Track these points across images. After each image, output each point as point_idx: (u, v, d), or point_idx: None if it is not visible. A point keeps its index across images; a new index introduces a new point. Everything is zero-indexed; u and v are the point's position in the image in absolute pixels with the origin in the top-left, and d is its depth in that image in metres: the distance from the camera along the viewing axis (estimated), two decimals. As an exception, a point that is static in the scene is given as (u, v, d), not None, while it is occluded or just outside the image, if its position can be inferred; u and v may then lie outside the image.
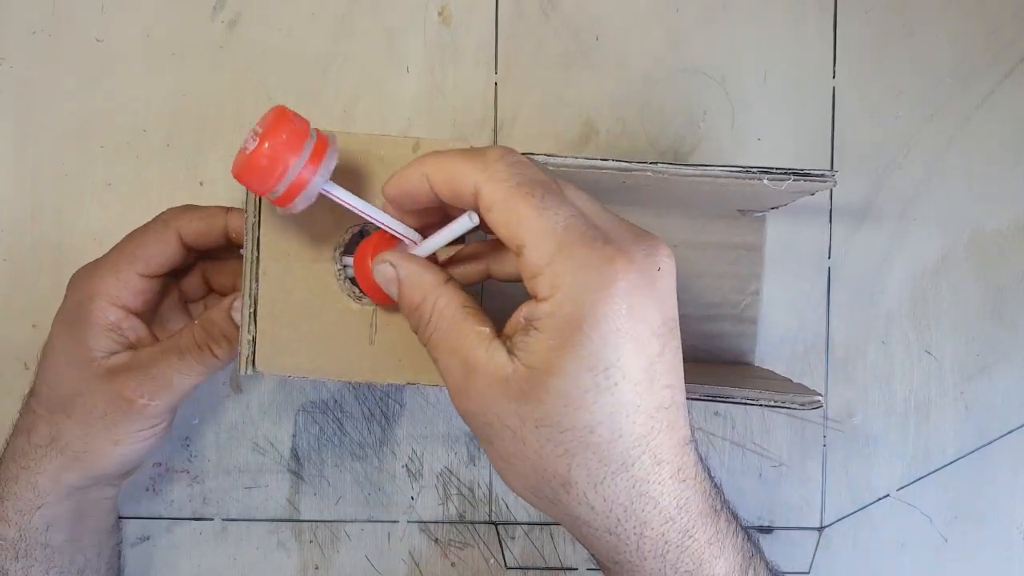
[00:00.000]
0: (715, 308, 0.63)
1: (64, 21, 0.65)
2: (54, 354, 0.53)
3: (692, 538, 0.40)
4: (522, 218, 0.39)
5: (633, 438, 0.38)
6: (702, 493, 0.41)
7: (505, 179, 0.39)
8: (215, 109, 0.65)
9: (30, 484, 0.53)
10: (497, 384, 0.39)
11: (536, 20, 0.65)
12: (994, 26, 0.66)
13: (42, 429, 0.53)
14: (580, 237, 0.38)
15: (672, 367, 0.40)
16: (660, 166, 0.48)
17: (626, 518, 0.39)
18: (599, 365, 0.37)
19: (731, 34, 0.65)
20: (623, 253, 0.38)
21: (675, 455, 0.40)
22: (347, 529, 0.65)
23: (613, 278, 0.37)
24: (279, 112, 0.42)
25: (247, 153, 0.41)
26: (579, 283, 0.37)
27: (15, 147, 0.65)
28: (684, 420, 0.40)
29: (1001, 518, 0.66)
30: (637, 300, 0.37)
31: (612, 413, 0.38)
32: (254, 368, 0.48)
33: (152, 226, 0.53)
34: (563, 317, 0.37)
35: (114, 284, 0.52)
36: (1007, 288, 0.66)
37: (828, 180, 0.49)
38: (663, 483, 0.39)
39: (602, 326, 0.37)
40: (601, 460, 0.38)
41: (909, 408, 0.66)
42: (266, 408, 0.65)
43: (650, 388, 0.38)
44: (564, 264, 0.38)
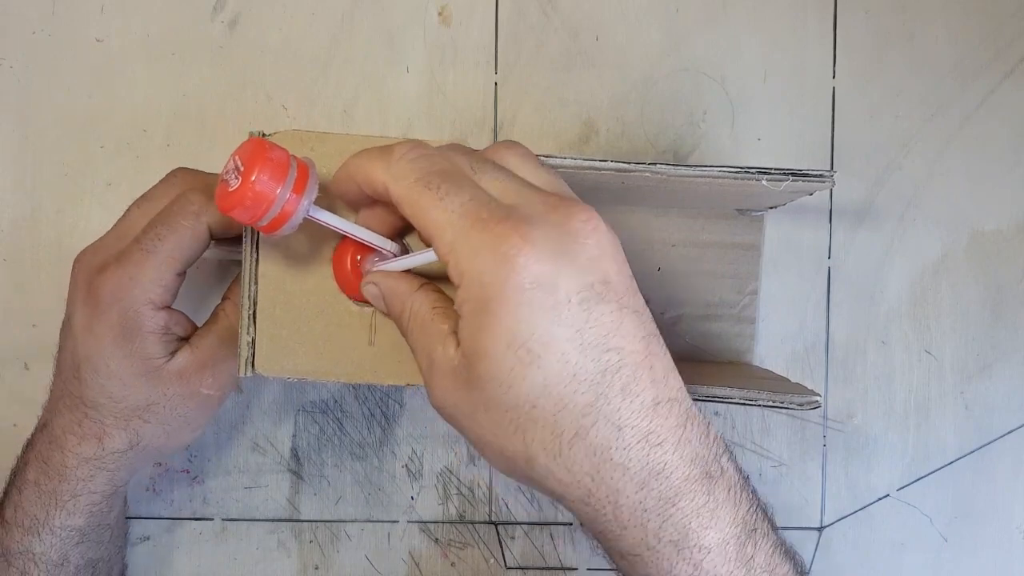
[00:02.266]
0: (713, 308, 0.63)
1: (64, 21, 0.65)
2: (111, 370, 0.51)
3: (675, 506, 0.39)
4: (424, 213, 0.40)
5: (580, 407, 0.38)
6: (688, 457, 0.39)
7: (406, 176, 0.41)
8: (215, 109, 0.65)
9: (110, 482, 0.54)
10: (449, 376, 0.40)
11: (536, 20, 0.65)
12: (994, 26, 0.66)
13: (118, 436, 0.53)
14: (475, 221, 0.38)
15: (612, 330, 0.38)
16: (659, 167, 0.48)
17: (596, 487, 0.39)
18: (516, 341, 0.37)
19: (731, 34, 0.65)
20: (520, 228, 0.38)
21: (640, 419, 0.39)
22: (347, 529, 0.65)
23: (509, 254, 0.37)
24: (258, 145, 0.42)
25: (230, 190, 0.41)
26: (478, 266, 0.38)
27: (15, 147, 0.65)
28: (650, 382, 0.39)
29: (1001, 518, 0.66)
30: (543, 270, 0.37)
31: (546, 385, 0.38)
32: (253, 370, 0.48)
33: (184, 222, 0.50)
34: (475, 301, 0.38)
35: (156, 291, 0.50)
36: (1007, 288, 0.66)
37: (826, 181, 0.49)
38: (629, 448, 0.38)
39: (508, 303, 0.37)
40: (552, 432, 0.39)
41: (909, 408, 0.66)
42: (266, 408, 0.65)
43: (583, 355, 0.38)
44: (463, 250, 0.38)
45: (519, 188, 0.41)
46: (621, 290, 0.39)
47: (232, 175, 0.41)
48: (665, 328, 0.62)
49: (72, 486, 0.53)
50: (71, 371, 0.52)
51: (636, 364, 0.39)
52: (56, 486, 0.53)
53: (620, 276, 0.40)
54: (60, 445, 0.53)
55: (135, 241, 0.51)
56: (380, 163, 0.42)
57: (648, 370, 0.39)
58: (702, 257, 0.62)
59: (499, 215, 0.38)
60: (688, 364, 0.61)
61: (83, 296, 0.51)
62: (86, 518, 0.55)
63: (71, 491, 0.53)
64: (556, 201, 0.40)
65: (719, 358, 0.63)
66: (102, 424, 0.52)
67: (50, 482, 0.53)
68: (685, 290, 0.62)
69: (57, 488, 0.53)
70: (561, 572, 0.66)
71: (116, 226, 0.53)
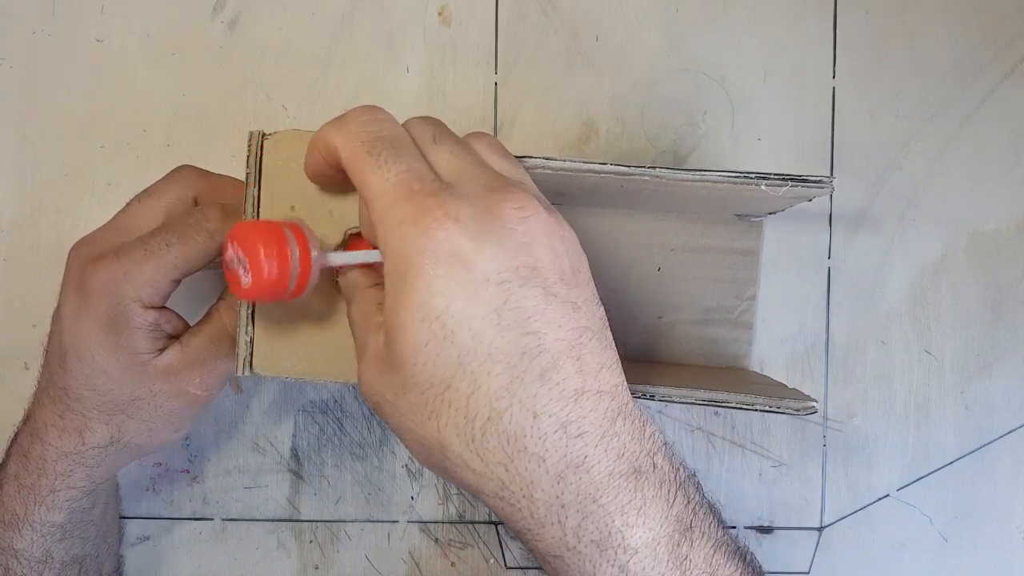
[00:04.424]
0: (711, 312, 0.63)
1: (64, 21, 0.65)
2: (96, 361, 0.50)
3: (596, 502, 0.37)
4: (363, 177, 0.40)
5: (495, 389, 0.37)
6: (614, 452, 0.38)
7: (354, 138, 0.40)
8: (215, 109, 0.65)
9: (89, 478, 0.54)
10: (375, 361, 0.40)
11: (536, 20, 0.65)
12: (994, 26, 0.65)
13: (99, 431, 0.52)
14: (405, 192, 0.38)
15: (534, 315, 0.37)
16: (658, 171, 0.48)
17: (510, 479, 0.38)
18: (430, 314, 0.37)
19: (731, 34, 0.65)
20: (446, 203, 0.37)
21: (559, 407, 0.37)
22: (347, 529, 0.66)
23: (430, 227, 0.37)
24: (250, 231, 0.42)
25: (245, 286, 0.42)
26: (400, 236, 0.37)
27: (15, 147, 0.65)
28: (575, 372, 0.38)
29: (1001, 518, 0.66)
30: (463, 246, 0.37)
31: (460, 363, 0.37)
32: (251, 370, 0.48)
33: (196, 238, 0.50)
34: (394, 272, 0.38)
35: (147, 292, 0.50)
36: (1007, 288, 0.66)
37: (826, 186, 0.48)
38: (545, 438, 0.37)
39: (424, 274, 0.37)
40: (465, 416, 0.38)
41: (909, 408, 0.66)
42: (266, 408, 0.65)
43: (500, 335, 0.37)
44: (389, 220, 0.38)
45: (469, 167, 0.40)
46: (552, 279, 0.38)
47: (239, 267, 0.42)
48: (662, 333, 0.62)
49: (51, 481, 0.53)
50: (57, 360, 0.52)
51: (559, 352, 0.38)
52: (35, 481, 0.53)
53: (554, 265, 0.38)
54: (41, 438, 0.52)
55: (140, 240, 0.50)
56: (334, 127, 0.42)
57: (574, 360, 0.38)
58: (700, 262, 0.62)
59: (430, 189, 0.38)
60: (685, 369, 0.61)
61: (75, 284, 0.51)
62: (66, 514, 0.54)
63: (50, 486, 0.53)
64: (498, 184, 0.39)
65: (716, 363, 0.63)
66: (84, 417, 0.52)
67: (30, 476, 0.53)
68: (683, 294, 0.62)
69: (36, 483, 0.53)
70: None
71: (115, 219, 0.53)
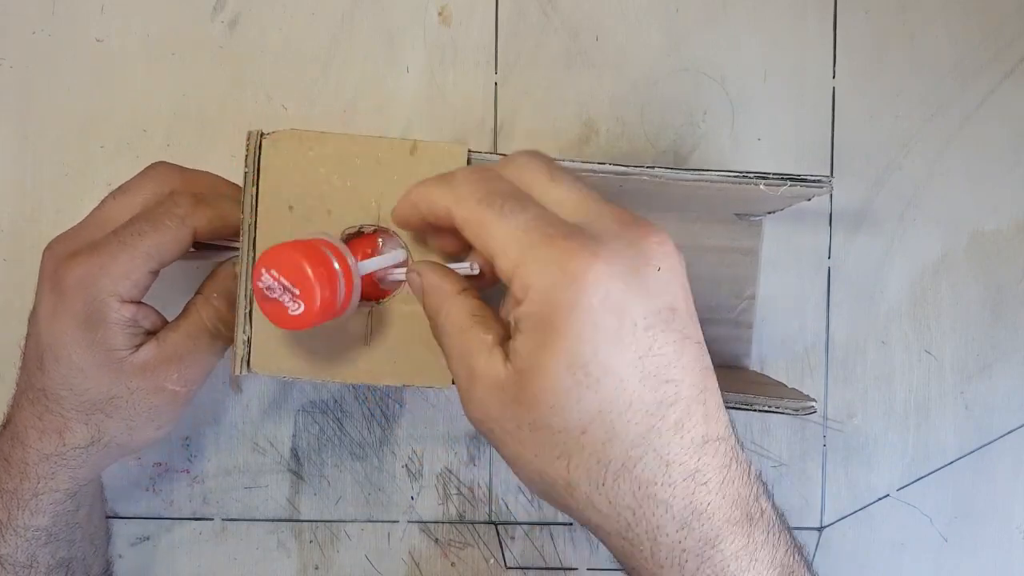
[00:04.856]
0: (711, 312, 0.62)
1: (64, 21, 0.65)
2: (72, 360, 0.50)
3: (715, 548, 0.38)
4: (487, 230, 0.39)
5: (631, 438, 0.37)
6: (731, 499, 0.39)
7: (468, 197, 0.40)
8: (215, 109, 0.65)
9: (72, 479, 0.53)
10: (494, 389, 0.39)
11: (536, 20, 0.65)
12: (994, 26, 0.65)
13: (79, 431, 0.52)
14: (542, 236, 0.37)
15: (673, 361, 0.38)
16: (657, 171, 0.48)
17: (636, 522, 0.38)
18: (577, 362, 0.36)
19: (731, 34, 0.65)
20: (589, 244, 0.37)
21: (689, 456, 0.38)
22: (347, 529, 0.66)
23: (578, 271, 0.36)
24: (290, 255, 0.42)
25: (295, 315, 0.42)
26: (546, 282, 0.37)
27: (15, 147, 0.65)
28: (702, 418, 0.38)
29: (1001, 518, 0.66)
30: (612, 291, 0.36)
31: (601, 411, 0.37)
32: (249, 369, 0.48)
33: (168, 224, 0.50)
34: (538, 317, 0.37)
35: (125, 285, 0.49)
36: (1007, 288, 0.66)
37: (825, 186, 0.48)
38: (674, 486, 0.38)
39: (574, 322, 0.36)
40: (599, 461, 0.38)
41: (909, 408, 0.66)
42: (266, 408, 0.65)
43: (643, 384, 0.37)
44: (530, 266, 0.37)
45: (593, 203, 0.40)
46: (686, 319, 0.39)
47: (284, 296, 0.42)
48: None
49: (33, 484, 0.52)
50: (35, 362, 0.51)
51: (691, 398, 0.38)
52: (17, 485, 0.52)
53: (686, 304, 0.39)
54: (21, 441, 0.52)
55: (113, 233, 0.50)
56: (442, 188, 0.42)
57: (702, 405, 0.38)
58: (700, 261, 0.62)
59: (566, 231, 0.38)
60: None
61: (50, 283, 0.50)
62: (51, 517, 0.54)
63: (32, 490, 0.52)
64: (630, 219, 0.39)
65: (716, 362, 0.62)
66: (63, 418, 0.51)
67: (11, 481, 0.52)
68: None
69: (19, 487, 0.52)
70: (561, 572, 0.66)
71: (91, 216, 0.52)
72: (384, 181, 0.48)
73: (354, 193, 0.48)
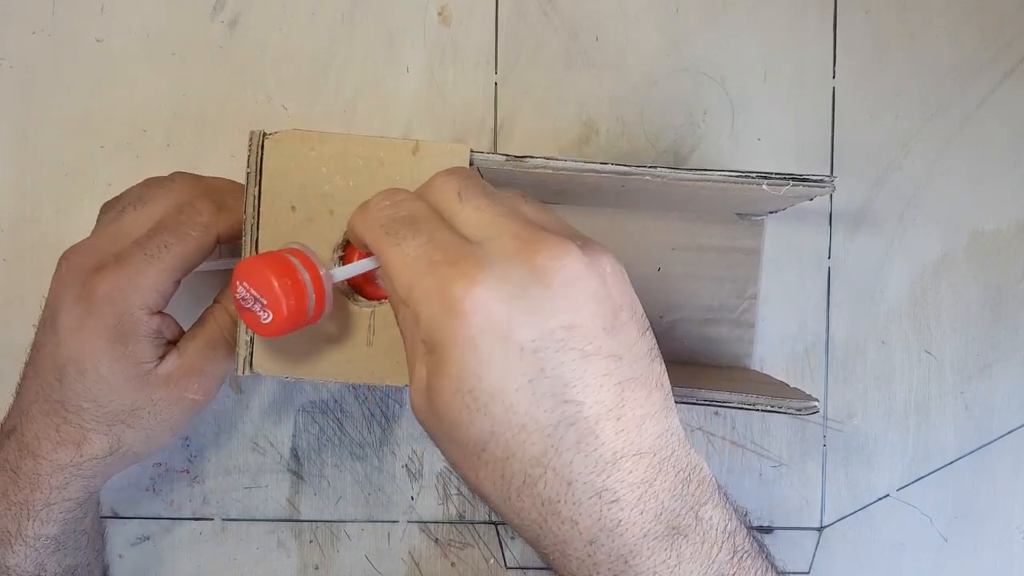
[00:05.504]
0: (713, 312, 0.63)
1: (64, 21, 0.65)
2: (100, 372, 0.50)
3: (628, 564, 0.37)
4: (384, 258, 0.39)
5: (528, 457, 0.36)
6: (652, 513, 0.37)
7: (372, 225, 0.40)
8: (215, 109, 0.65)
9: (85, 488, 0.53)
10: (419, 395, 0.39)
11: (536, 20, 0.65)
12: (994, 26, 0.65)
13: (98, 442, 0.52)
14: (427, 264, 0.37)
15: (572, 380, 0.36)
16: (659, 171, 0.48)
17: (544, 535, 0.38)
18: (463, 388, 0.36)
19: (731, 34, 0.65)
20: (471, 270, 0.36)
21: (594, 475, 0.36)
22: (347, 529, 0.66)
23: (455, 298, 0.35)
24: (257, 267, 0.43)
25: (265, 321, 0.43)
26: (429, 311, 0.37)
27: (15, 147, 0.65)
28: (613, 434, 0.37)
29: (1001, 518, 0.66)
30: (493, 316, 0.35)
31: (493, 433, 0.36)
32: (251, 369, 0.48)
33: (192, 234, 0.50)
34: (428, 343, 0.37)
35: (153, 297, 0.50)
36: (1007, 288, 0.66)
37: (827, 186, 0.48)
38: (579, 504, 0.37)
39: (456, 350, 0.36)
40: (501, 477, 0.37)
41: (909, 408, 0.66)
42: (266, 408, 0.65)
43: (535, 405, 0.36)
44: (416, 295, 0.37)
45: (496, 218, 0.39)
46: (593, 333, 0.37)
47: (255, 305, 0.43)
48: (663, 332, 0.62)
49: (45, 495, 0.52)
50: (51, 373, 0.51)
51: (598, 416, 0.36)
52: (28, 496, 0.52)
53: (595, 317, 0.37)
54: (33, 452, 0.51)
55: (138, 245, 0.50)
56: (358, 214, 0.42)
57: (614, 421, 0.37)
58: (701, 261, 0.62)
59: (453, 256, 0.37)
60: (686, 368, 0.61)
61: (75, 295, 0.50)
62: (60, 526, 0.53)
63: (44, 500, 0.52)
64: (530, 235, 0.38)
65: (717, 362, 0.63)
66: (82, 429, 0.51)
67: (21, 492, 0.52)
68: (684, 294, 0.62)
69: (29, 498, 0.52)
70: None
71: (109, 227, 0.52)
72: (386, 181, 0.48)
73: (356, 193, 0.48)
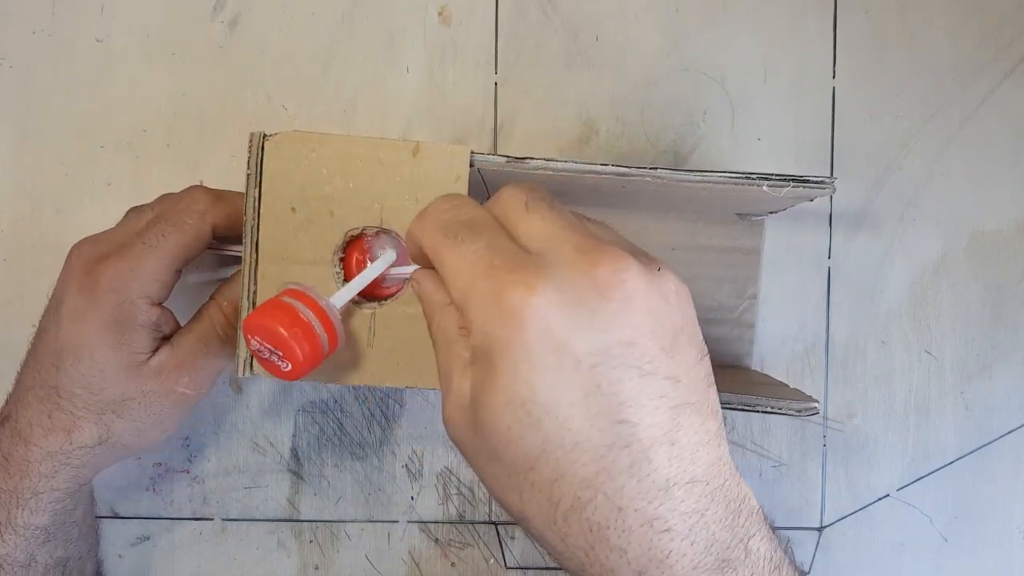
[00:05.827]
0: (713, 312, 0.63)
1: (64, 21, 0.65)
2: (95, 359, 0.51)
3: None
4: (440, 258, 0.38)
5: (579, 479, 0.35)
6: (703, 544, 0.35)
7: (431, 227, 0.40)
8: (215, 109, 0.65)
9: (74, 478, 0.54)
10: (459, 410, 0.38)
11: (536, 20, 0.65)
12: (994, 26, 0.65)
13: (88, 430, 0.52)
14: (486, 267, 0.36)
15: (628, 400, 0.35)
16: (659, 171, 0.48)
17: (589, 563, 0.36)
18: (516, 400, 0.35)
19: (731, 34, 0.65)
20: (531, 277, 0.35)
21: (646, 502, 0.35)
22: (347, 529, 0.66)
23: (513, 305, 0.34)
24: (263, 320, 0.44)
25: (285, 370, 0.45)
26: (485, 316, 0.35)
27: (15, 147, 0.65)
28: (667, 460, 0.35)
29: (1001, 518, 0.67)
30: (552, 325, 0.34)
31: (545, 450, 0.35)
32: (252, 371, 0.48)
33: (189, 222, 0.51)
34: (481, 350, 0.36)
35: (154, 287, 0.51)
36: (1007, 288, 0.66)
37: (827, 187, 0.49)
38: (629, 532, 0.35)
39: (510, 359, 0.34)
40: (549, 499, 0.36)
41: (909, 408, 0.66)
42: (266, 408, 0.65)
43: (589, 423, 0.34)
44: (473, 299, 0.36)
45: (559, 231, 0.37)
46: (652, 352, 0.35)
47: (272, 357, 0.44)
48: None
49: (34, 483, 0.52)
50: (50, 359, 0.52)
51: (652, 440, 0.35)
52: (17, 484, 0.52)
53: (654, 336, 0.35)
54: (25, 438, 0.52)
55: (138, 236, 0.51)
56: (417, 219, 0.41)
57: (668, 447, 0.35)
58: (701, 261, 0.62)
59: (513, 262, 0.36)
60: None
61: (79, 283, 0.51)
62: (50, 516, 0.54)
63: (32, 488, 0.52)
64: (590, 245, 0.36)
65: (717, 362, 0.63)
66: (73, 416, 0.52)
67: (11, 480, 0.52)
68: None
69: (18, 486, 0.52)
70: (561, 572, 0.66)
71: (123, 224, 0.54)
72: (386, 182, 0.48)
73: (356, 194, 0.48)
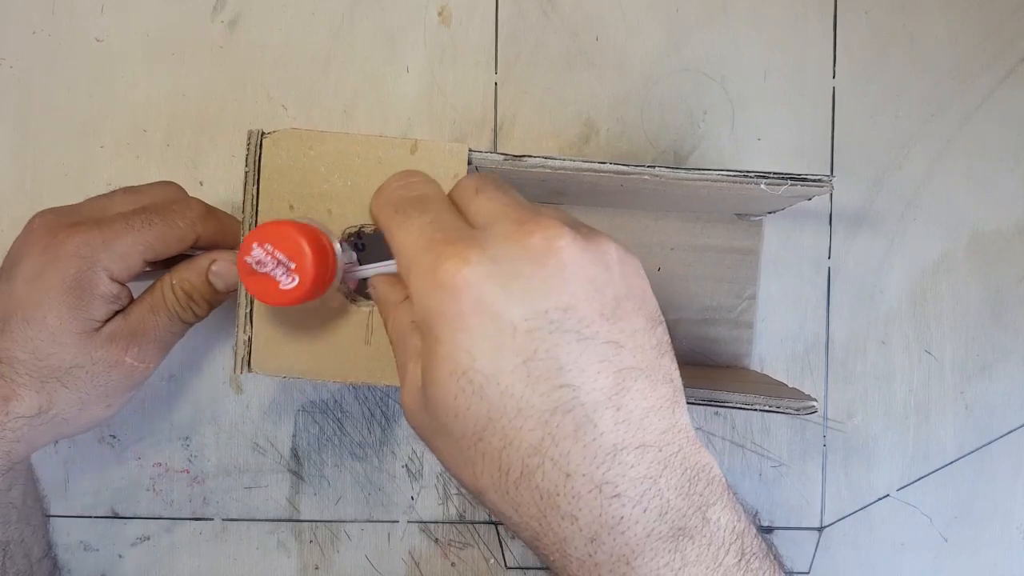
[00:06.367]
0: (712, 312, 0.63)
1: (64, 21, 0.65)
2: (47, 322, 0.50)
3: (629, 564, 0.35)
4: (390, 236, 0.40)
5: (526, 446, 0.35)
6: (656, 511, 0.35)
7: (384, 202, 0.41)
8: (215, 109, 0.65)
9: (7, 455, 0.51)
10: (414, 395, 0.39)
11: (536, 20, 0.65)
12: (994, 26, 0.65)
13: (28, 399, 0.50)
14: (427, 242, 0.37)
15: (567, 364, 0.35)
16: (658, 170, 0.48)
17: (543, 532, 0.36)
18: (457, 369, 0.35)
19: (731, 34, 0.65)
20: (465, 249, 0.36)
21: (594, 467, 0.35)
22: (347, 529, 0.66)
23: (447, 275, 0.35)
24: (286, 230, 0.43)
25: (288, 288, 0.42)
26: (423, 288, 0.36)
27: (15, 147, 0.65)
28: (612, 424, 0.35)
29: (1001, 518, 0.66)
30: (486, 294, 0.35)
31: (491, 419, 0.35)
32: (249, 369, 0.48)
33: (178, 224, 0.52)
34: (422, 324, 0.37)
35: (119, 265, 0.50)
36: (1007, 288, 0.66)
37: (825, 185, 0.48)
38: (578, 497, 0.35)
39: (448, 327, 0.35)
40: (499, 469, 0.36)
41: (909, 408, 0.66)
42: (266, 408, 0.65)
43: (530, 388, 0.35)
44: (414, 272, 0.37)
45: (503, 207, 0.39)
46: (590, 317, 0.36)
47: (276, 269, 0.42)
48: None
49: None
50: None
51: (595, 403, 0.35)
52: None
53: (592, 301, 0.36)
54: None
55: (121, 215, 0.51)
56: (374, 197, 0.42)
57: (613, 411, 0.35)
58: (700, 261, 0.62)
59: (453, 236, 0.37)
60: (685, 368, 0.61)
61: (43, 245, 0.50)
62: None
63: None
64: (527, 216, 0.37)
65: (716, 362, 0.63)
66: (13, 384, 0.50)
67: None
68: (683, 294, 0.62)
69: None
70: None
71: (96, 201, 0.54)
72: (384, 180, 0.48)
73: (354, 192, 0.48)
